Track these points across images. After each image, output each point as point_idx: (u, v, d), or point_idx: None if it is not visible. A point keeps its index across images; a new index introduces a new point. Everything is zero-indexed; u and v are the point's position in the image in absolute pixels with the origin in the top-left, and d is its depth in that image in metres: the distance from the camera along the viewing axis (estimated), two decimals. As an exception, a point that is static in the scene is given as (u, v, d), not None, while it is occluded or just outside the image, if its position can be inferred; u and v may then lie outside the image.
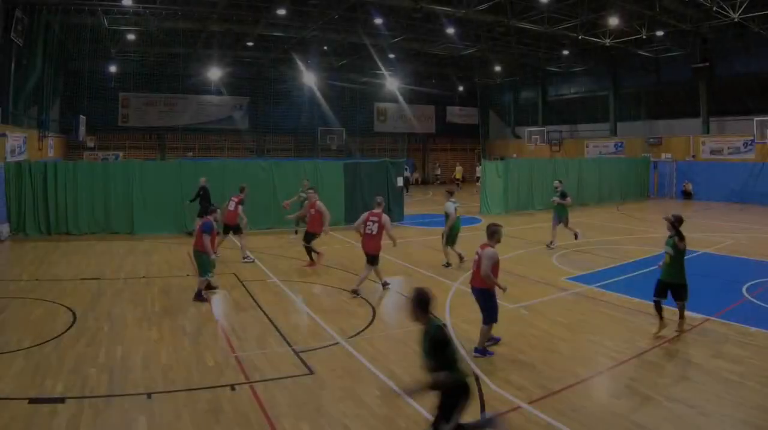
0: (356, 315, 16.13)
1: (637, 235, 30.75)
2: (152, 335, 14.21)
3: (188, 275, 20.95)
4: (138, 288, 19.01)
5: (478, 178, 59.02)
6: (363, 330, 14.72)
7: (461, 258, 22.45)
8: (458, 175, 64.78)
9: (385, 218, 18.25)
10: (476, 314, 14.77)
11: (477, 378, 11.57)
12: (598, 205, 45.24)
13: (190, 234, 25.91)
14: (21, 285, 19.13)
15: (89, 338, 13.92)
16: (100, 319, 15.50)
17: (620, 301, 17.62)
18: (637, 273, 21.17)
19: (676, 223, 14.16)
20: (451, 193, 23.64)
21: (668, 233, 14.40)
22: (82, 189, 29.13)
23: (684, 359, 12.81)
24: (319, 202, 22.11)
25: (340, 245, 27.07)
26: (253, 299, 17.66)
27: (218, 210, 18.12)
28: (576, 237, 26.66)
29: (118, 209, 29.45)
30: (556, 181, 28.97)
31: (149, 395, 10.84)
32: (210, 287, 17.99)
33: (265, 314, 16.25)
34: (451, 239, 22.52)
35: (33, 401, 10.47)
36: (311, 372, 12.03)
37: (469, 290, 16.50)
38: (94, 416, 9.96)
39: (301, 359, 12.74)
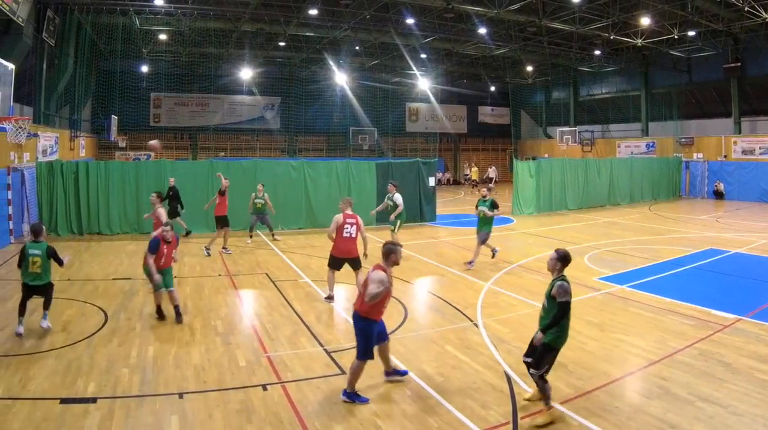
0: (388, 315, 15.86)
1: (669, 235, 30.48)
2: (184, 335, 14.16)
3: (220, 275, 20.99)
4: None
5: (490, 178, 59.03)
6: (395, 330, 14.53)
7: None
8: (474, 176, 64.42)
9: (360, 219, 17.39)
10: (509, 314, 14.69)
11: (509, 379, 11.62)
12: (630, 205, 45.18)
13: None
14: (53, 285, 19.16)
15: (121, 337, 13.93)
16: (132, 319, 15.54)
17: (652, 301, 17.47)
18: (668, 273, 21.22)
19: (561, 260, 10.88)
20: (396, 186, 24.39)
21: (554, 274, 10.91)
22: (114, 189, 29.19)
23: (716, 359, 12.61)
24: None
25: (372, 244, 26.91)
26: (285, 298, 17.58)
27: (170, 225, 16.73)
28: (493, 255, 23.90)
29: (150, 209, 29.41)
30: (484, 188, 24.67)
31: (181, 395, 10.86)
32: (160, 310, 15.80)
33: (296, 313, 16.23)
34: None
35: (65, 401, 10.45)
36: (343, 372, 11.93)
37: (501, 290, 16.39)
38: (125, 416, 9.93)
39: (333, 359, 12.73)
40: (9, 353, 12.77)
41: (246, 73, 58.98)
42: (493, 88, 71.71)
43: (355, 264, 17.29)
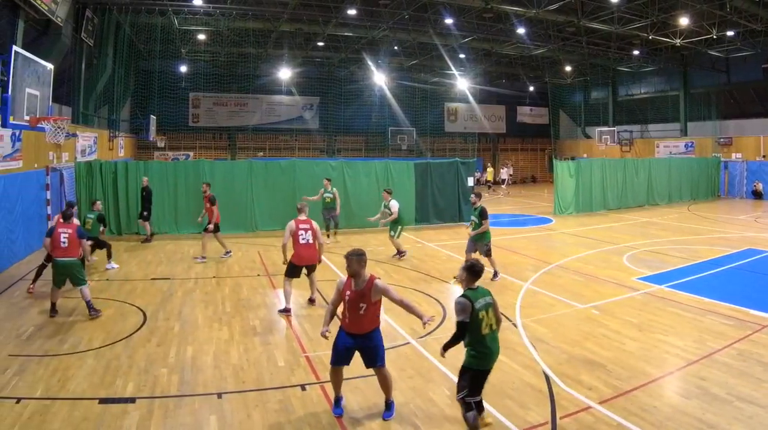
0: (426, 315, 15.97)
1: (708, 235, 30.21)
2: (223, 335, 14.14)
3: (258, 275, 20.99)
4: (208, 288, 19.02)
5: (503, 180, 58.87)
6: (433, 330, 14.40)
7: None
8: (489, 177, 64.11)
9: (315, 224, 16.82)
10: (548, 314, 14.58)
11: (548, 379, 11.56)
12: (669, 205, 44.85)
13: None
14: (91, 285, 19.00)
15: (160, 337, 13.95)
16: (171, 319, 15.55)
17: (690, 301, 17.34)
18: (707, 273, 21.14)
19: (468, 271, 9.61)
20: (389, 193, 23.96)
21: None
22: (152, 189, 29.21)
23: (755, 359, 12.46)
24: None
25: (411, 244, 26.85)
26: (324, 298, 17.42)
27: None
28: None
29: (189, 209, 29.49)
30: (473, 196, 21.98)
31: (220, 395, 10.87)
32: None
33: (336, 314, 16.02)
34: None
35: (103, 401, 10.47)
36: None
37: (540, 290, 16.24)
38: (164, 416, 9.96)
39: None
40: (48, 353, 12.79)
41: (285, 73, 59.12)
42: (531, 88, 71.53)
43: (313, 269, 16.96)
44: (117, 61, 42.51)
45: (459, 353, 9.15)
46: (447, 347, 9.43)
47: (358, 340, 10.26)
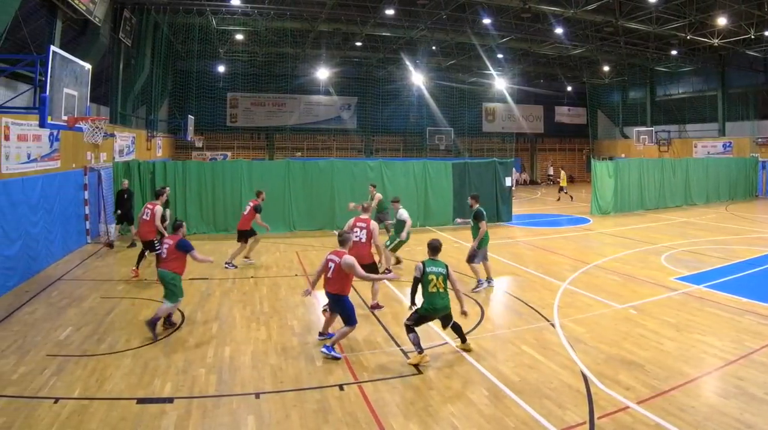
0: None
1: (746, 235, 30.01)
2: (261, 335, 14.14)
3: (296, 275, 21.01)
4: (247, 288, 19.05)
5: (549, 176, 58.27)
6: (471, 330, 14.46)
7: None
8: (563, 183, 63.68)
9: (374, 225, 16.85)
10: (586, 314, 14.47)
11: (586, 379, 11.57)
12: (706, 205, 44.60)
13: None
14: (130, 285, 19.32)
15: (198, 338, 13.97)
16: (209, 319, 15.59)
17: (729, 301, 17.23)
18: (745, 273, 21.01)
19: (428, 247, 13.16)
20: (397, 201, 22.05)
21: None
22: (191, 189, 29.34)
23: (793, 359, 12.35)
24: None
25: (448, 245, 26.75)
26: (362, 299, 17.41)
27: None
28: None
29: (227, 209, 29.56)
30: (470, 198, 20.98)
31: (258, 395, 10.90)
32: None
33: (373, 314, 16.18)
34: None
35: (141, 401, 10.53)
36: (419, 372, 12.01)
37: (577, 290, 16.07)
38: (202, 416, 10.05)
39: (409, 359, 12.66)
40: (86, 353, 12.82)
41: (322, 73, 59.43)
42: (569, 88, 71.45)
43: (369, 270, 15.63)
44: (155, 61, 42.83)
45: (501, 357, 9.05)
46: (411, 295, 13.04)
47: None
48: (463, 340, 13.13)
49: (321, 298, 16.24)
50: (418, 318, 12.67)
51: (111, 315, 15.59)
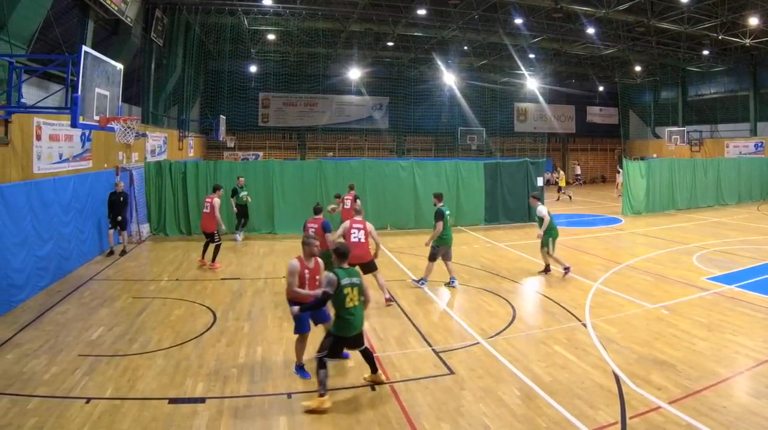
0: (496, 315, 16.02)
1: (778, 234, 29.68)
2: (292, 334, 13.95)
3: (327, 275, 20.84)
4: (278, 288, 18.85)
5: (577, 176, 58.00)
6: (503, 330, 14.59)
7: (547, 269, 21.16)
8: (562, 183, 63.35)
9: (370, 224, 17.12)
10: (617, 314, 14.50)
11: (618, 379, 11.54)
12: (738, 205, 44.17)
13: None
14: (161, 285, 19.35)
15: (229, 338, 13.98)
16: (241, 319, 15.57)
17: (761, 301, 17.14)
18: None
19: (335, 253, 11.19)
20: (537, 199, 22.17)
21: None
22: (223, 189, 29.28)
23: (826, 360, 12.23)
24: None
25: (480, 244, 26.63)
26: (393, 299, 17.38)
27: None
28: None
29: (259, 209, 29.56)
30: (433, 197, 20.81)
31: (289, 395, 10.94)
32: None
33: (405, 313, 16.16)
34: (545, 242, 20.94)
35: (173, 401, 10.57)
36: (451, 372, 11.99)
37: (609, 290, 15.99)
38: (233, 417, 10.07)
39: (441, 359, 12.69)
40: (118, 353, 12.85)
41: (354, 73, 59.45)
42: (601, 88, 70.83)
43: (369, 267, 16.84)
44: (186, 61, 43.00)
45: (533, 357, 8.99)
46: (305, 308, 10.98)
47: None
48: (374, 370, 11.38)
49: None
50: (335, 343, 10.79)
51: (143, 315, 15.65)
